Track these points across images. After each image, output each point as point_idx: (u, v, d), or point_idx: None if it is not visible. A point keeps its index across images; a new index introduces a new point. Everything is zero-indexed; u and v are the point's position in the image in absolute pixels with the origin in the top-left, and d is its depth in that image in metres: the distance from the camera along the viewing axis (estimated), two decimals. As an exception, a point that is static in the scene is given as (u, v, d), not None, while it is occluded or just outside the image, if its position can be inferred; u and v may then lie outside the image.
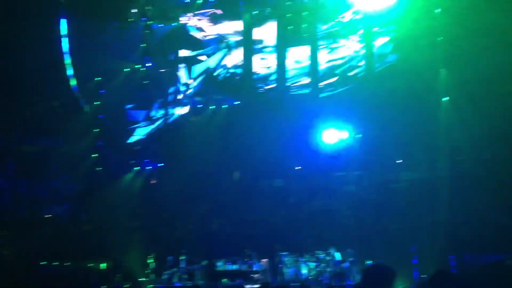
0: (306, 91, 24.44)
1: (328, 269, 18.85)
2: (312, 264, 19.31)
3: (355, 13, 23.76)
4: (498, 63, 19.88)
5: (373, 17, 22.90)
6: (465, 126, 20.69)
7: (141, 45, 25.18)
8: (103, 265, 20.48)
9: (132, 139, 25.38)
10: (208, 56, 25.81)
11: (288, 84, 24.68)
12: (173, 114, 25.72)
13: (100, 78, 24.74)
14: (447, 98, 21.67)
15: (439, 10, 21.45)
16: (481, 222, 18.03)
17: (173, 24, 25.80)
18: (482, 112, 19.87)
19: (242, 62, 25.06)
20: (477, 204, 18.67)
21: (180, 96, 25.63)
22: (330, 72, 24.22)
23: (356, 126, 22.32)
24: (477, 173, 19.75)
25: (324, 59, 24.26)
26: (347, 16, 23.99)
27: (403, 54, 22.56)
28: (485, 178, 19.14)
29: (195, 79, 25.70)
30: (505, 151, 19.42)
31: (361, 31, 23.71)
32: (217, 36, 25.58)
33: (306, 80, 24.58)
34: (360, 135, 22.26)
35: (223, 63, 25.55)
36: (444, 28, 21.27)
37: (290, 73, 24.71)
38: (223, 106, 24.87)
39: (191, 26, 25.58)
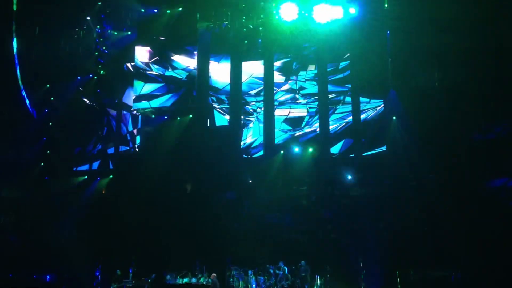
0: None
1: (279, 284, 18.99)
2: (262, 278, 19.41)
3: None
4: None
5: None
6: (410, 142, 21.52)
7: (95, 53, 24.83)
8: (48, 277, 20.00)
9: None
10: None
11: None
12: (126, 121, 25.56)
13: (49, 86, 24.32)
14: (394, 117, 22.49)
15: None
16: (426, 239, 18.71)
17: (128, 33, 25.71)
18: (426, 129, 20.80)
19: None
20: (422, 222, 19.39)
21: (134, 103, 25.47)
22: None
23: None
24: (422, 192, 20.56)
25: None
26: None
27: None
28: (431, 198, 19.95)
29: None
30: (450, 166, 20.37)
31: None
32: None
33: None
34: (312, 149, 22.74)
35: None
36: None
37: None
38: (178, 118, 24.89)
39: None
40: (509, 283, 15.92)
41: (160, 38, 25.38)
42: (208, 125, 24.77)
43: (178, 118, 24.86)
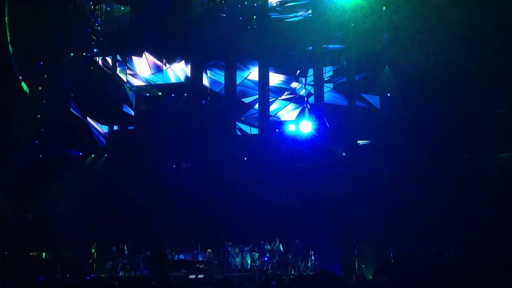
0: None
1: (273, 259, 19.12)
2: (257, 254, 19.54)
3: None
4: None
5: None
6: (405, 123, 21.53)
7: (88, 31, 24.56)
8: (44, 255, 20.07)
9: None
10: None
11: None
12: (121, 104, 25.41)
13: (42, 63, 24.11)
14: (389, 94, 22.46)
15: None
16: (420, 216, 18.81)
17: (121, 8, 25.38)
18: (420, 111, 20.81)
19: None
20: (416, 198, 19.47)
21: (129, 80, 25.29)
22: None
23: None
24: (417, 169, 20.59)
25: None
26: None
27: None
28: (425, 174, 20.00)
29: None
30: (443, 147, 20.40)
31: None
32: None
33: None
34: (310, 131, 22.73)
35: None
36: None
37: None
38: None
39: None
40: (502, 259, 16.01)
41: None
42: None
43: (173, 95, 24.79)
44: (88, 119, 24.89)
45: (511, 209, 17.37)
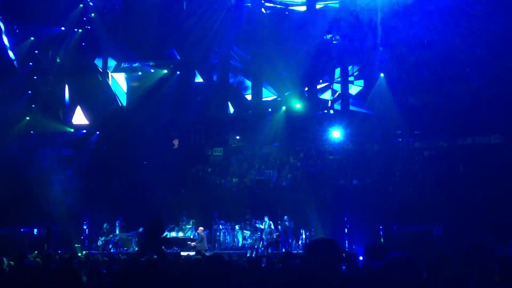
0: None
1: (264, 237, 19.23)
2: (248, 233, 19.65)
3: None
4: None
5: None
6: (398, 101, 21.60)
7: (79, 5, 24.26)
8: (36, 231, 20.09)
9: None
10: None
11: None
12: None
13: (33, 38, 23.82)
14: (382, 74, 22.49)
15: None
16: (410, 195, 18.97)
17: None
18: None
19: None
20: (406, 177, 19.63)
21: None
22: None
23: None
24: (406, 149, 20.73)
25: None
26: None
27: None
28: (414, 154, 20.15)
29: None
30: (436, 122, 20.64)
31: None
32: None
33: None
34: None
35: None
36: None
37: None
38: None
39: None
40: (491, 239, 16.21)
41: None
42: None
43: (165, 71, 24.66)
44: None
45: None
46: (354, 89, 24.30)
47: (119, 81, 25.48)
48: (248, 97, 24.82)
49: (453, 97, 20.52)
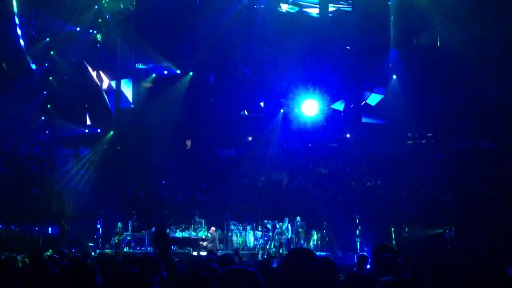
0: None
1: (276, 238, 19.24)
2: (260, 233, 19.68)
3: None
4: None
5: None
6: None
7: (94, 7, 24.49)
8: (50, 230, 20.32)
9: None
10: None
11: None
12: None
13: (48, 39, 24.09)
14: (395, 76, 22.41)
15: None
16: (422, 196, 18.91)
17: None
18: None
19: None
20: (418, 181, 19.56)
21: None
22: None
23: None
24: (418, 151, 20.63)
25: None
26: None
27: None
28: (427, 157, 20.04)
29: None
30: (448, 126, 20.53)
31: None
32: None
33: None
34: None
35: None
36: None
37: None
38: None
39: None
40: (502, 241, 16.12)
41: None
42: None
43: (178, 71, 24.75)
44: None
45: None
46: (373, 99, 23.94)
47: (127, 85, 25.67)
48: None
49: (473, 99, 20.30)
